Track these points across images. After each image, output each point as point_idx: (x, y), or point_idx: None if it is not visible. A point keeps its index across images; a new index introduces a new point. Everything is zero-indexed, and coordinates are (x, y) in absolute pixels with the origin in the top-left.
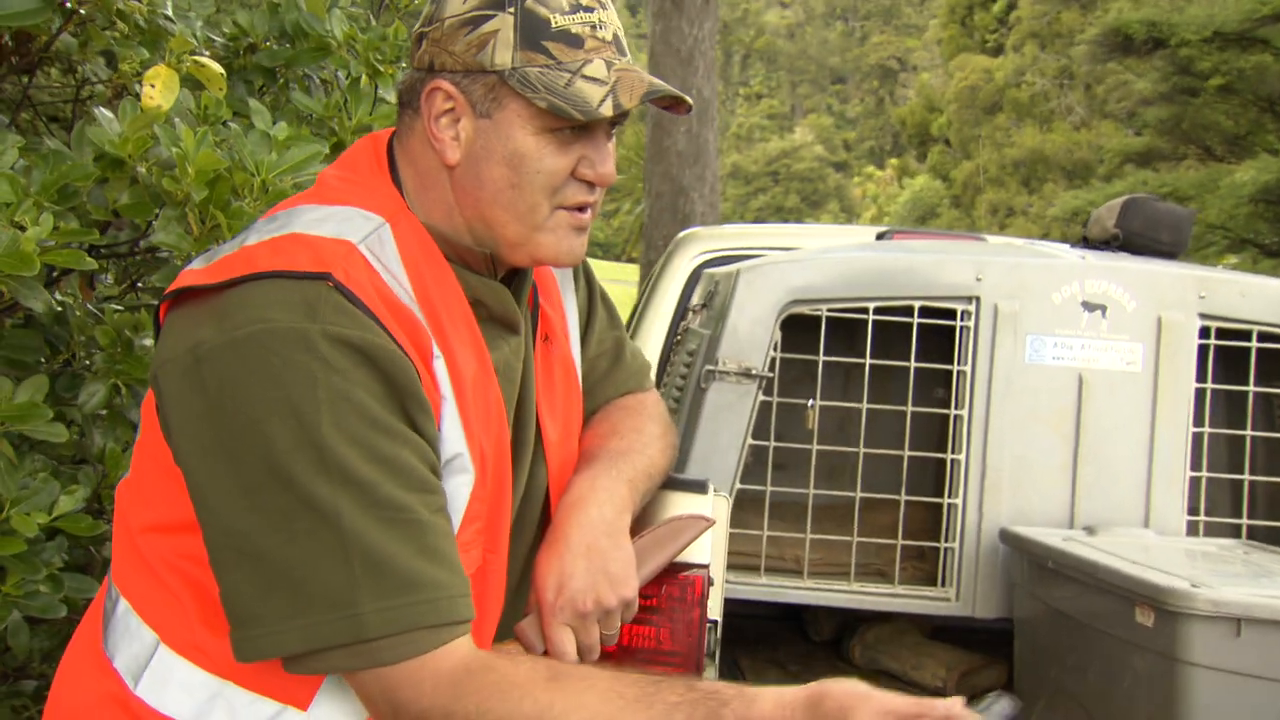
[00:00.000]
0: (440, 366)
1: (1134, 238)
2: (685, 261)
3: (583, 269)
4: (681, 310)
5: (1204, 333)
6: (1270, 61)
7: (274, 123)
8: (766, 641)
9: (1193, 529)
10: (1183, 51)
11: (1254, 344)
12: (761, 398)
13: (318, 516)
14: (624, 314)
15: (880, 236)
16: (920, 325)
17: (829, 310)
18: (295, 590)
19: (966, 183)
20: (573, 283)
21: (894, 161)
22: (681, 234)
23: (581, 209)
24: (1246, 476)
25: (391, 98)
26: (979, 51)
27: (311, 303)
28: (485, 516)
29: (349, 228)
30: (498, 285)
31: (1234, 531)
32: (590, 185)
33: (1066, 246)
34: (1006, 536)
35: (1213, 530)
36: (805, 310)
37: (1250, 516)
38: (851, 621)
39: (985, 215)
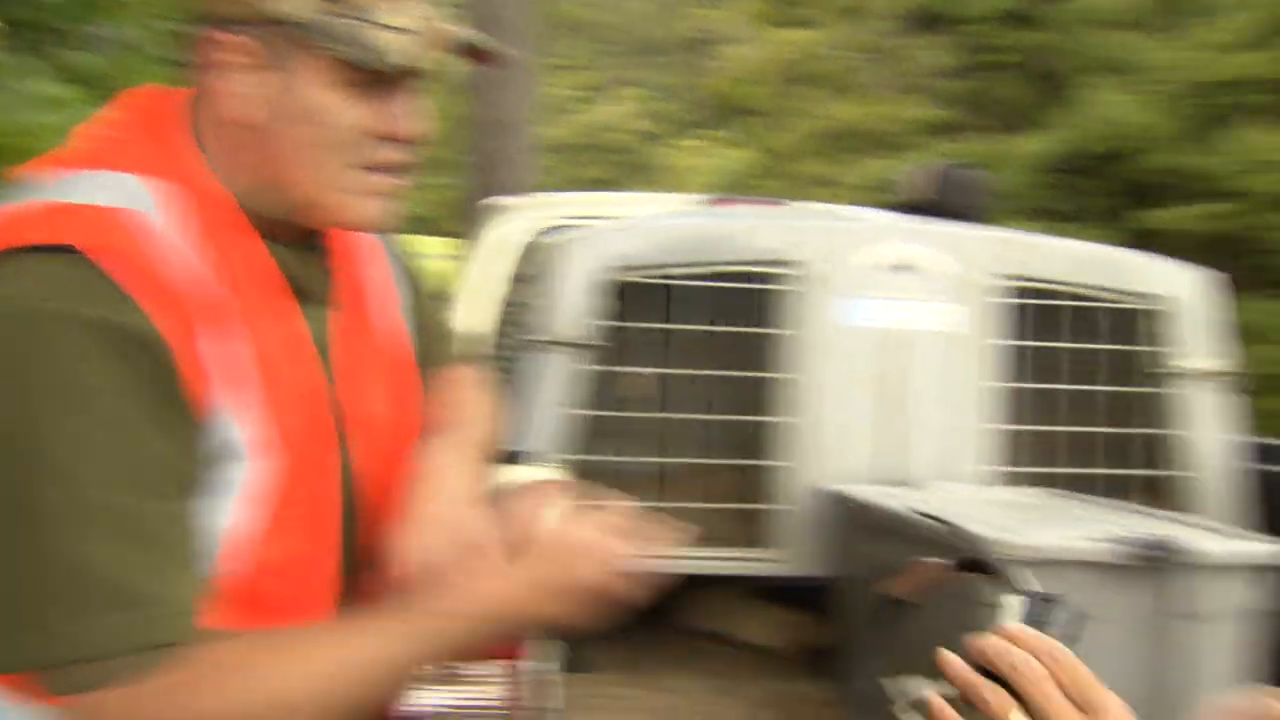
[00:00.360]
0: (226, 346)
1: (946, 202)
2: (511, 232)
3: (397, 240)
4: (509, 281)
5: (1010, 292)
6: (1053, 39)
7: (50, 83)
8: None
9: (1003, 480)
10: (976, 29)
11: (1057, 302)
12: (588, 366)
13: (21, 519)
14: (447, 287)
15: (704, 203)
16: (741, 290)
17: (651, 277)
18: None
19: (780, 153)
20: (390, 252)
21: (708, 133)
22: (505, 203)
23: (390, 170)
24: (1054, 428)
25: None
26: (789, 25)
27: (48, 279)
28: (302, 501)
29: (113, 194)
30: (305, 254)
31: (1041, 481)
32: (399, 144)
33: (878, 211)
34: (829, 495)
35: (1022, 480)
36: (627, 278)
37: (1057, 465)
38: (679, 587)
39: (799, 185)
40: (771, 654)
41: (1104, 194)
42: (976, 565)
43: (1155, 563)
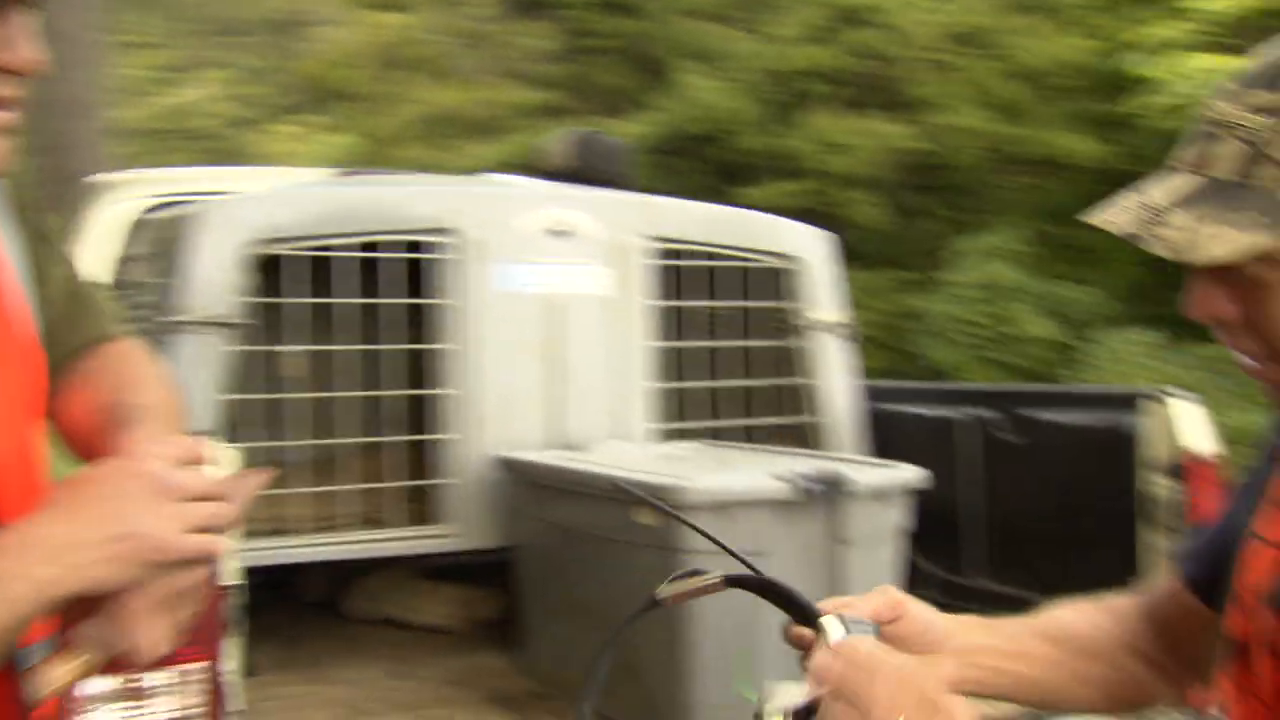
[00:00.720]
0: None
1: (587, 168)
2: (115, 209)
3: (28, 194)
4: (117, 262)
5: (659, 254)
6: (650, 26)
7: None
8: (254, 610)
9: (664, 436)
10: (576, 14)
11: (703, 263)
12: (235, 347)
13: None
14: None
15: (339, 175)
16: (399, 260)
17: (302, 249)
18: None
19: (382, 139)
20: (7, 210)
21: (305, 118)
22: (107, 180)
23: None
24: (709, 384)
25: None
26: (382, 8)
27: None
28: None
29: None
30: None
31: (695, 435)
32: (7, 76)
33: (526, 179)
34: (501, 463)
35: (680, 435)
36: (272, 251)
37: (709, 419)
38: (345, 575)
39: (402, 171)
40: (447, 633)
41: (701, 173)
42: (769, 589)
43: (823, 495)
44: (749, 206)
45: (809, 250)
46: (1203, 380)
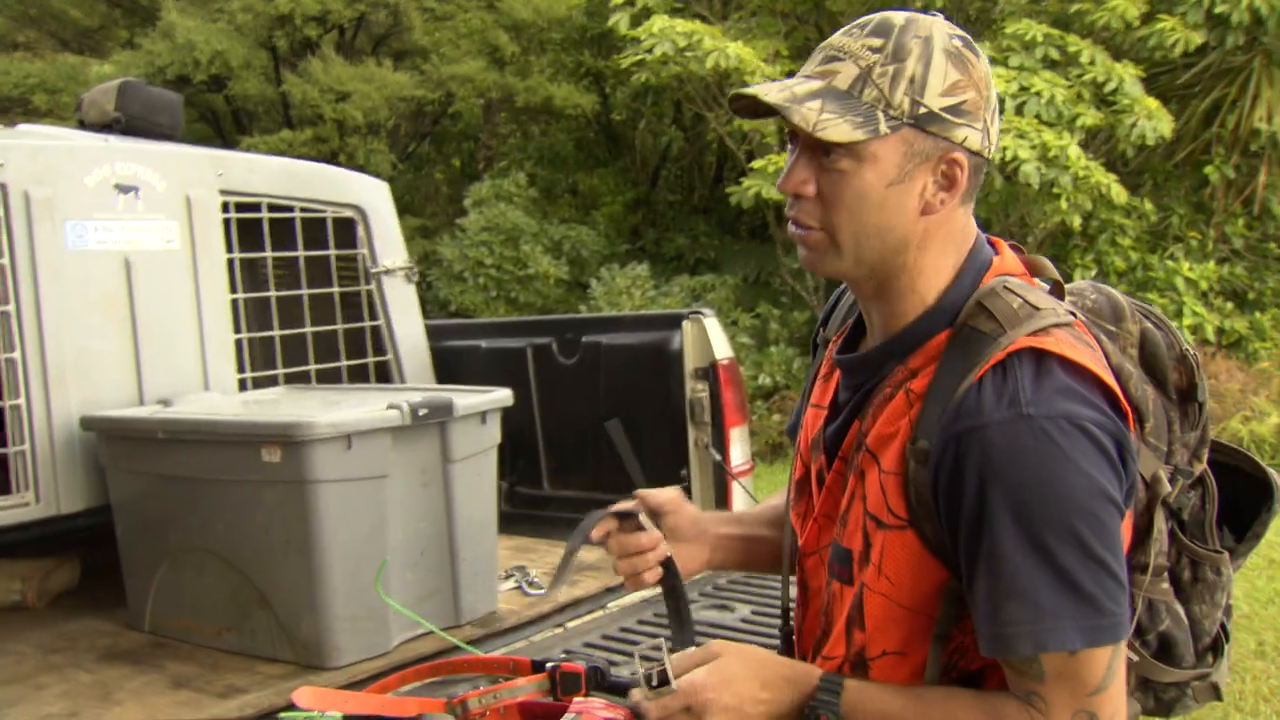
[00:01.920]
0: None
1: (135, 121)
2: None
3: None
4: None
5: (225, 207)
6: None
7: None
8: None
9: (249, 385)
10: None
11: (265, 215)
12: None
13: None
14: None
15: None
16: None
17: None
18: None
19: None
20: None
21: None
22: None
23: None
24: (291, 331)
25: None
26: None
27: None
28: None
29: None
30: None
31: (278, 380)
32: None
33: (78, 131)
34: (91, 423)
35: (268, 383)
36: None
37: (294, 365)
38: None
39: None
40: (24, 608)
41: (200, 120)
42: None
43: (434, 419)
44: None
45: (375, 200)
46: (683, 303)
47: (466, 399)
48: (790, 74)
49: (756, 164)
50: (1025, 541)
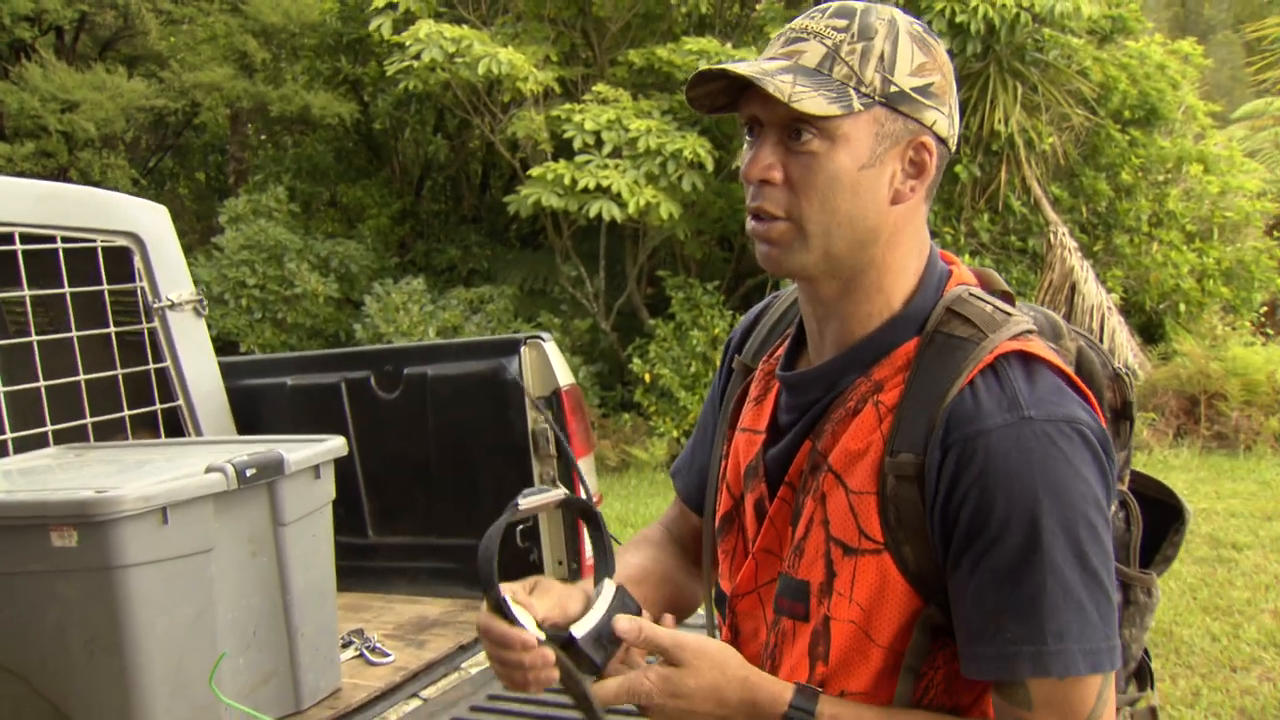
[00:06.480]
0: None
1: None
2: None
3: None
4: None
5: None
6: None
7: None
8: None
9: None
10: None
11: (18, 247)
12: None
13: None
14: None
15: None
16: None
17: None
18: None
19: None
20: None
21: None
22: None
23: None
24: (40, 384)
25: None
26: None
27: None
28: None
29: None
30: None
31: (49, 440)
32: None
33: None
34: None
35: (30, 444)
36: None
37: (51, 422)
38: None
39: None
40: None
41: None
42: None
43: (262, 479)
44: None
45: (153, 226)
46: (460, 316)
47: (298, 452)
48: (560, 79)
49: (535, 171)
50: (1029, 554)
